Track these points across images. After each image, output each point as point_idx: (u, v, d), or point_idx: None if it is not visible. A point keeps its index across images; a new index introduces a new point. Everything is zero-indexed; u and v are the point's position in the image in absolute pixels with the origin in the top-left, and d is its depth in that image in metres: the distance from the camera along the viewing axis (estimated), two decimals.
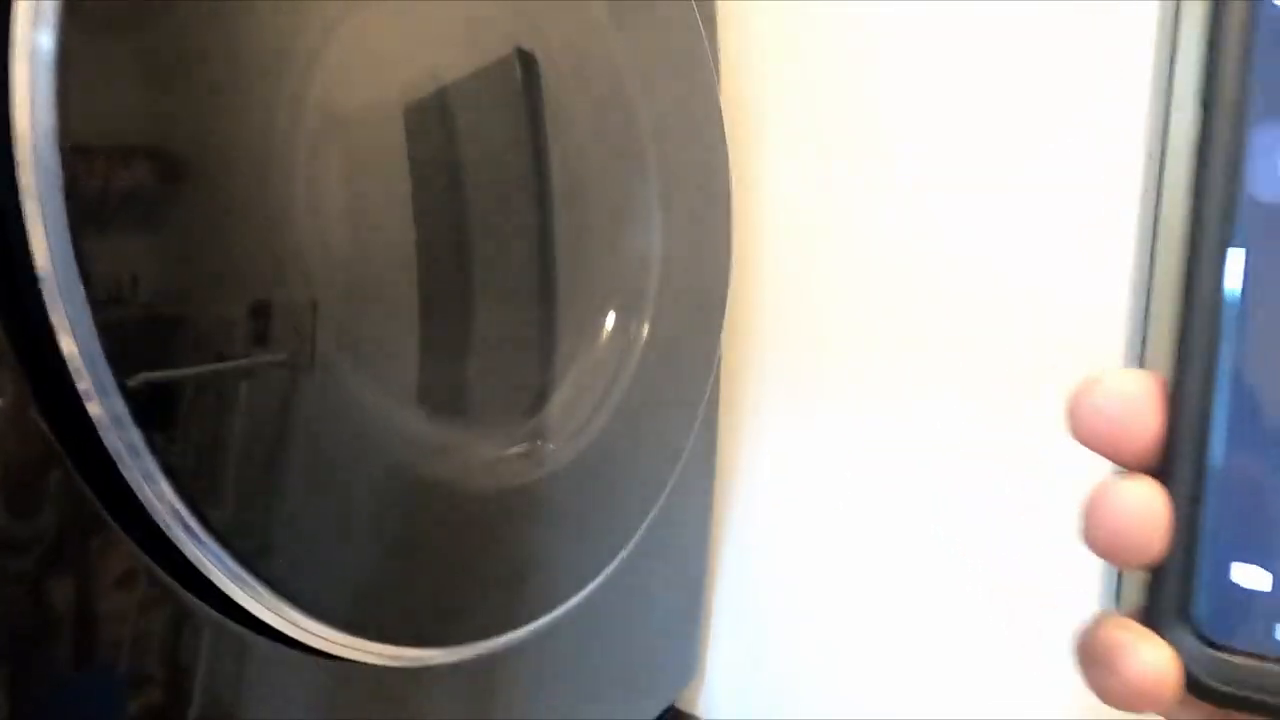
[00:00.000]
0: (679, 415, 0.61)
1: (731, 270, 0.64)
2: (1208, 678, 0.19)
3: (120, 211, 0.30)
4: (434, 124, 0.47)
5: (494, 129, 0.51)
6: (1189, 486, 0.19)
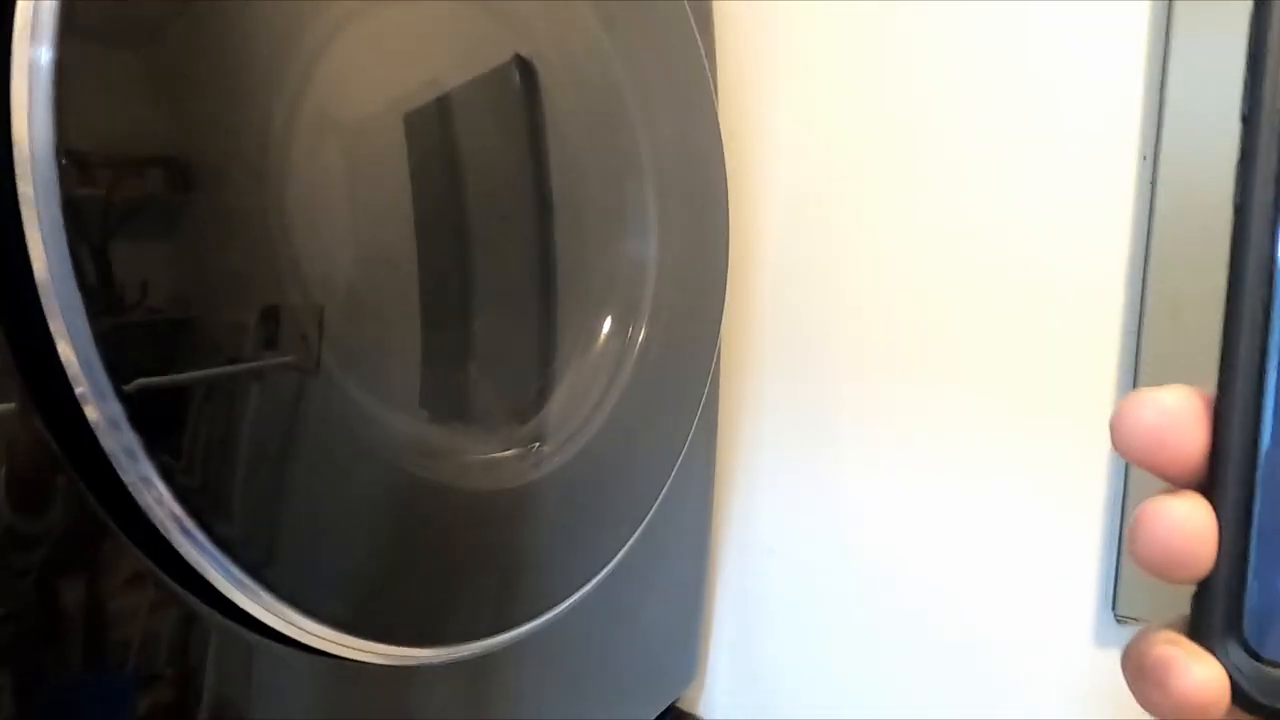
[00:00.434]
0: (676, 418, 0.62)
1: (728, 275, 0.65)
2: (1257, 693, 0.19)
3: (118, 221, 0.31)
4: (434, 131, 0.47)
5: (493, 136, 0.51)
6: (1235, 501, 0.19)
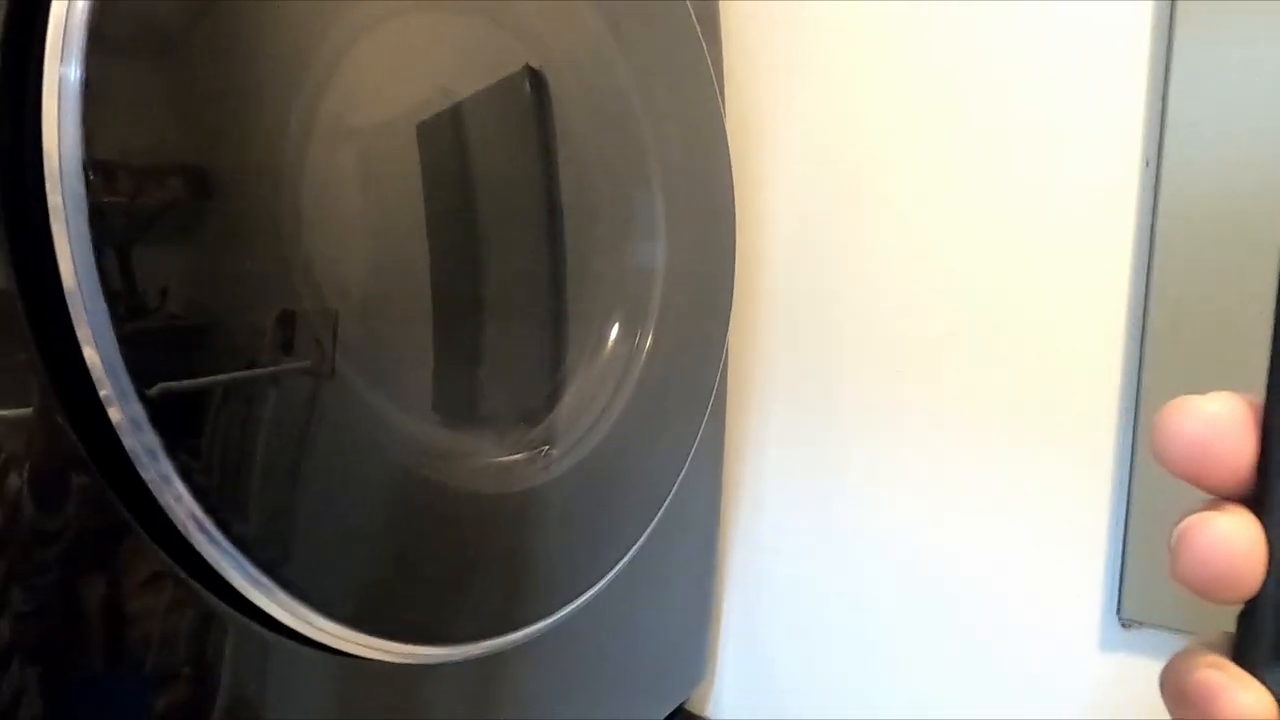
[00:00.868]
0: (683, 422, 0.62)
1: (735, 281, 0.65)
2: None
3: (142, 230, 0.32)
4: (446, 139, 0.48)
5: (504, 144, 0.52)
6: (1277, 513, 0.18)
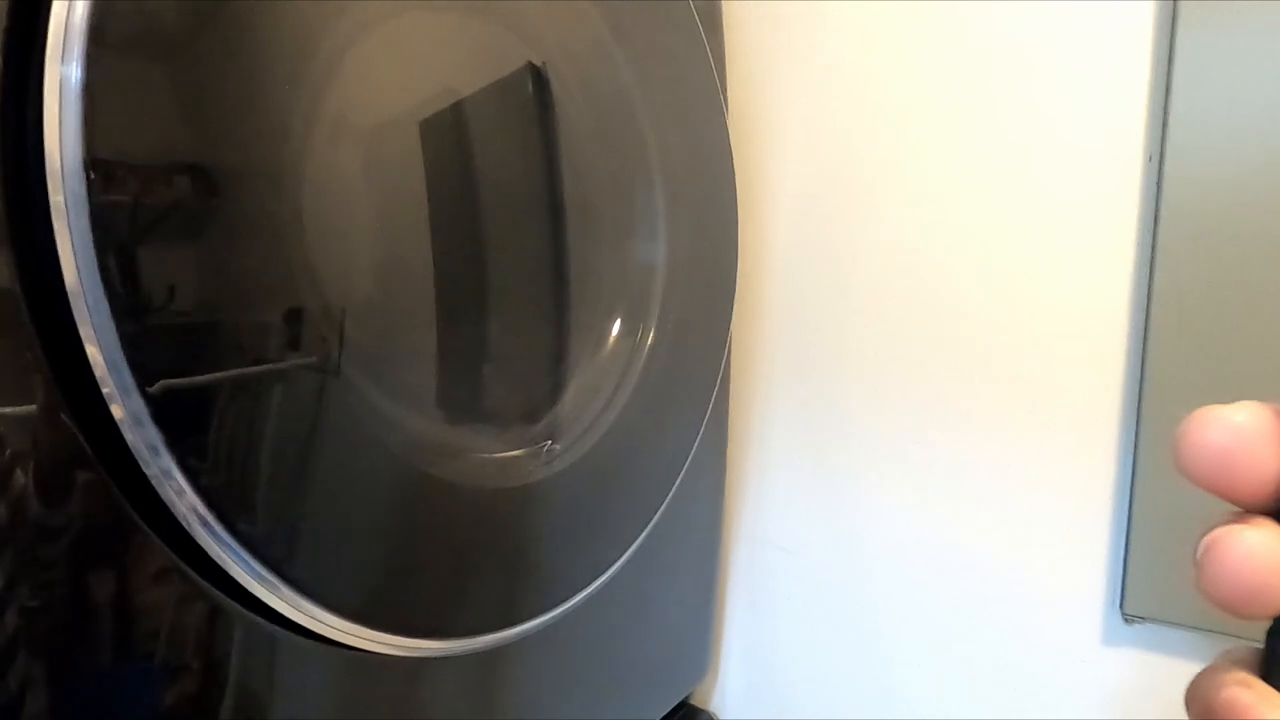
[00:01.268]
0: (685, 418, 0.62)
1: (737, 276, 0.65)
2: None
3: (144, 228, 0.32)
4: (449, 137, 0.48)
5: (506, 141, 0.52)
6: None
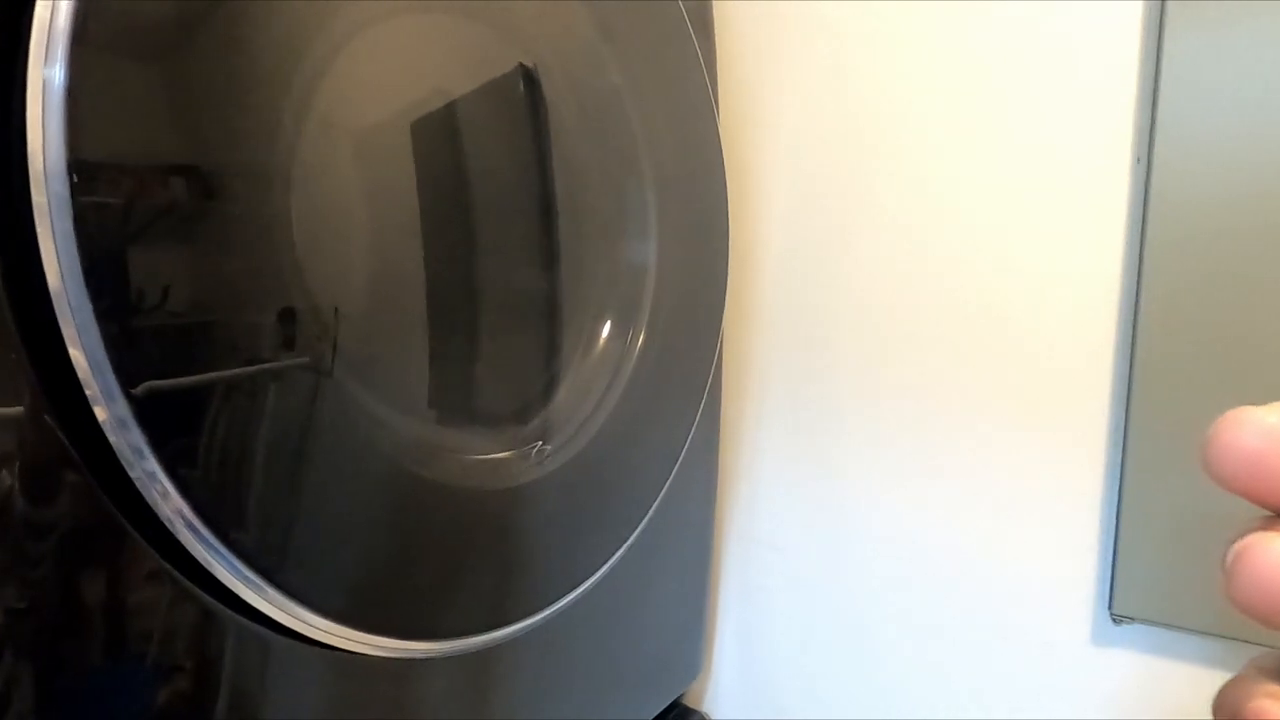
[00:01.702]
0: (676, 419, 0.62)
1: (729, 276, 0.65)
2: None
3: (128, 230, 0.32)
4: (440, 138, 0.48)
5: (497, 143, 0.52)
6: None
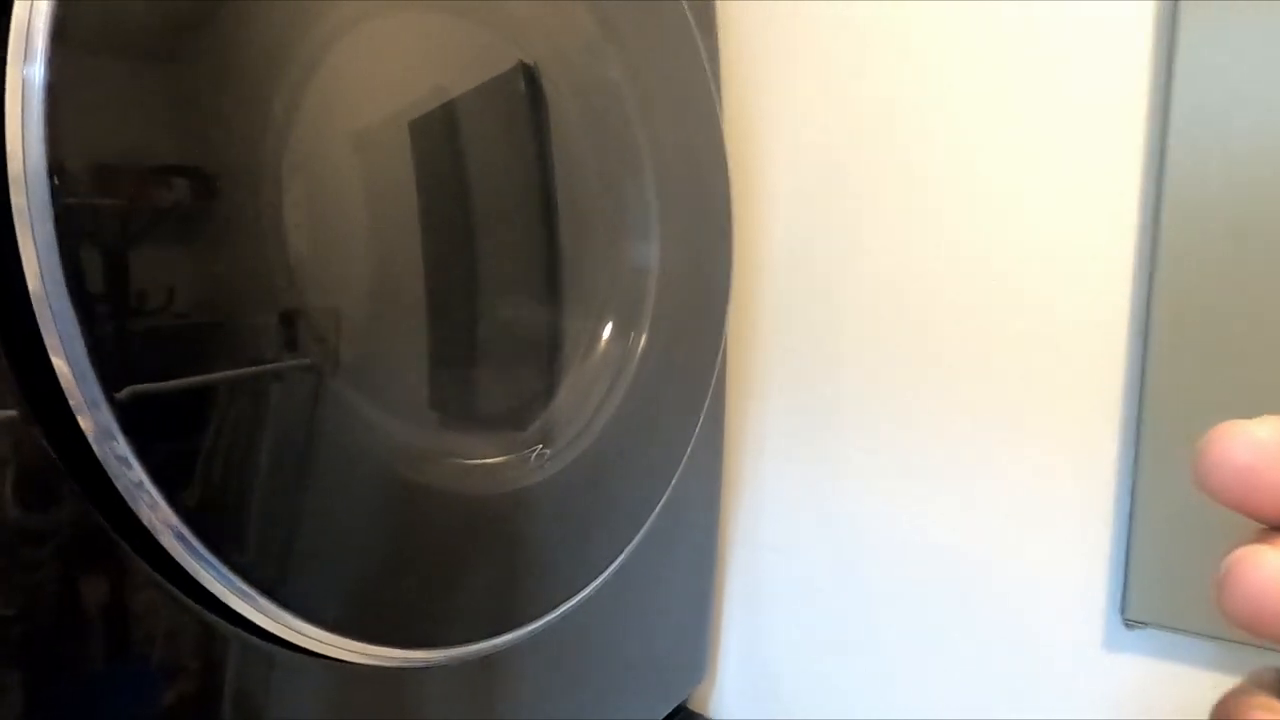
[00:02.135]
0: (678, 421, 0.62)
1: (732, 277, 0.64)
2: None
3: (110, 233, 0.31)
4: (439, 137, 0.47)
5: (498, 141, 0.51)
6: None
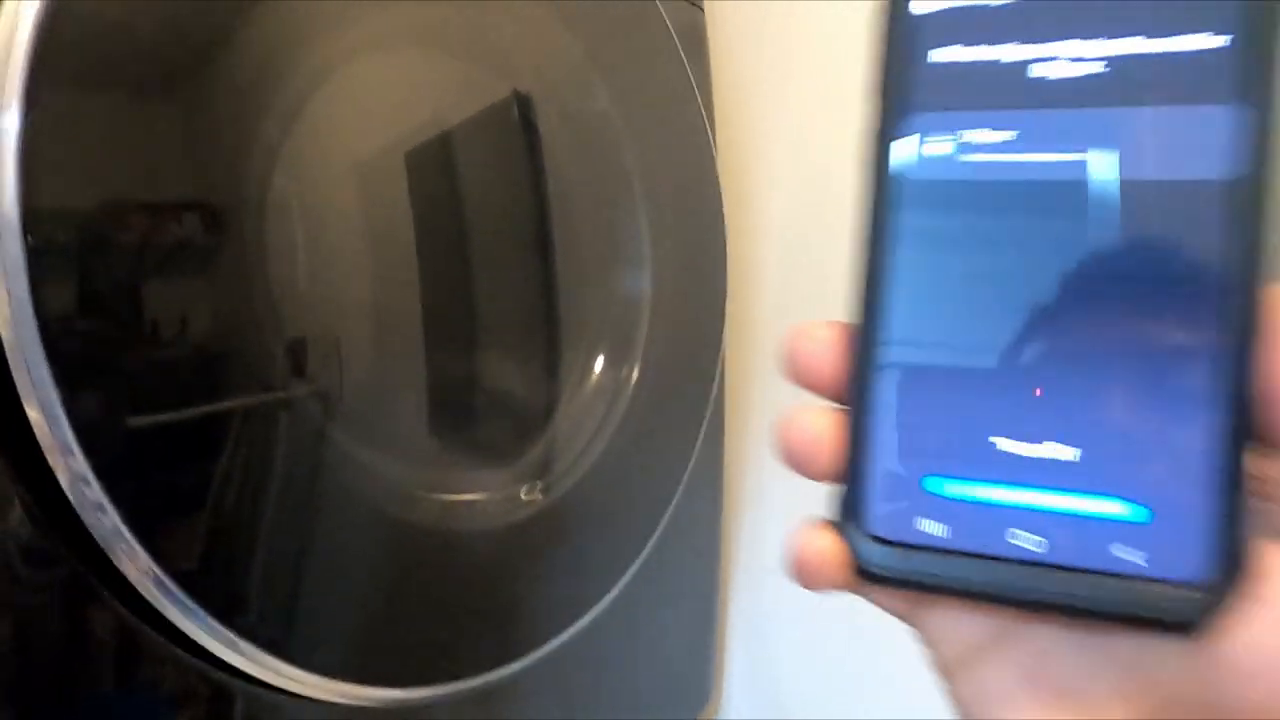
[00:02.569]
0: (674, 448, 0.61)
1: (727, 304, 0.64)
2: (870, 565, 0.23)
3: (88, 277, 0.31)
4: (432, 169, 0.47)
5: (493, 173, 0.51)
6: (855, 410, 0.24)
